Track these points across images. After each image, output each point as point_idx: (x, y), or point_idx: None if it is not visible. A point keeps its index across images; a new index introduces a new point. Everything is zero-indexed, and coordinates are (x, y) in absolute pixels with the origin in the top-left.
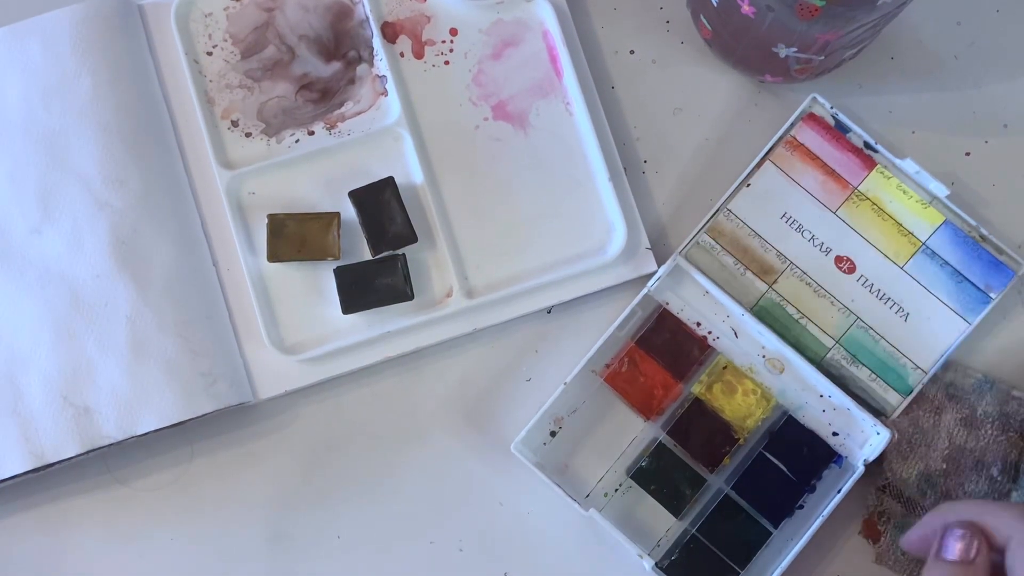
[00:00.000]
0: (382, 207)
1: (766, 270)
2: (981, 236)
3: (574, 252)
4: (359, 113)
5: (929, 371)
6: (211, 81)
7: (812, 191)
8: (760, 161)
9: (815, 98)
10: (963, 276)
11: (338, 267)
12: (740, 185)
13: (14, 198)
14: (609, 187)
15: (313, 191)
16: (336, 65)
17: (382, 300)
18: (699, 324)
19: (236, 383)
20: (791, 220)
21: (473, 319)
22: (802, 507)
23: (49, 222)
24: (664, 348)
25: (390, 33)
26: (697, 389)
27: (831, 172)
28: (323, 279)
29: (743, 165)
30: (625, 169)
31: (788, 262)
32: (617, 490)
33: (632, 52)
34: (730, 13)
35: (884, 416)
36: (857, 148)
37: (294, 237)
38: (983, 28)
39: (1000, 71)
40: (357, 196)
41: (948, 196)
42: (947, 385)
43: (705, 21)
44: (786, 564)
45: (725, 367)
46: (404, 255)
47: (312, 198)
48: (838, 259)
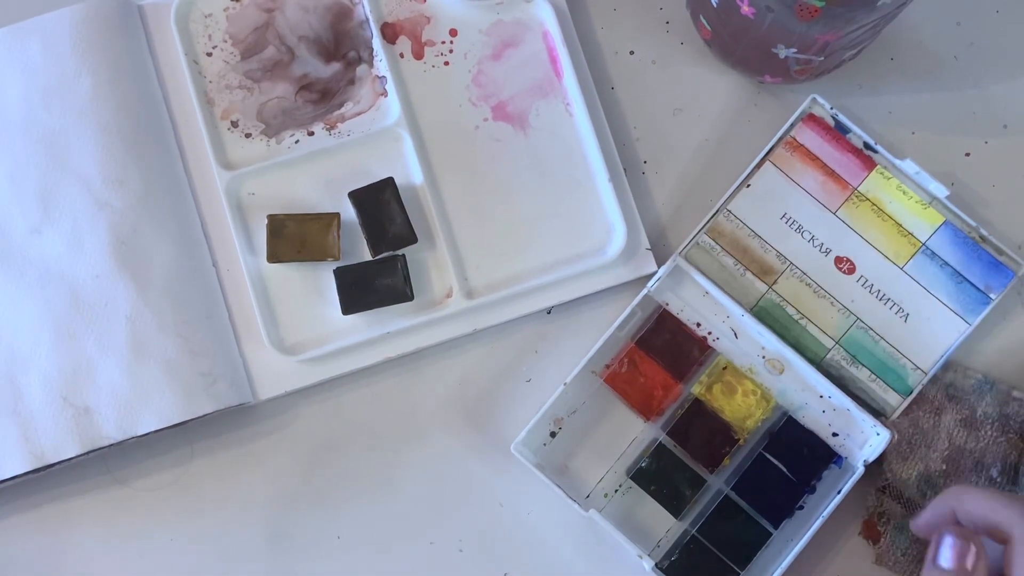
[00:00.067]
0: (382, 207)
1: (766, 271)
2: (981, 237)
3: (574, 252)
4: (359, 114)
5: (929, 372)
6: (211, 82)
7: (812, 192)
8: (760, 162)
9: (815, 99)
10: (963, 277)
11: (338, 267)
12: (740, 186)
13: (14, 198)
14: (609, 187)
15: (313, 191)
16: (336, 66)
17: (382, 301)
18: (699, 325)
19: (236, 383)
20: (791, 221)
21: (473, 319)
22: (802, 508)
23: (49, 222)
24: (664, 349)
25: (390, 34)
26: (697, 390)
27: (831, 173)
28: (323, 279)
29: (743, 166)
30: (625, 169)
31: (788, 263)
32: (617, 491)
33: (632, 53)
34: (730, 14)
35: (884, 417)
36: (857, 149)
37: (294, 237)
38: (983, 28)
39: (1000, 71)
40: (357, 196)
41: (948, 197)
42: (947, 386)
43: (705, 22)
44: (786, 565)
45: (725, 368)
46: (404, 256)
47: (312, 198)
48: (838, 260)
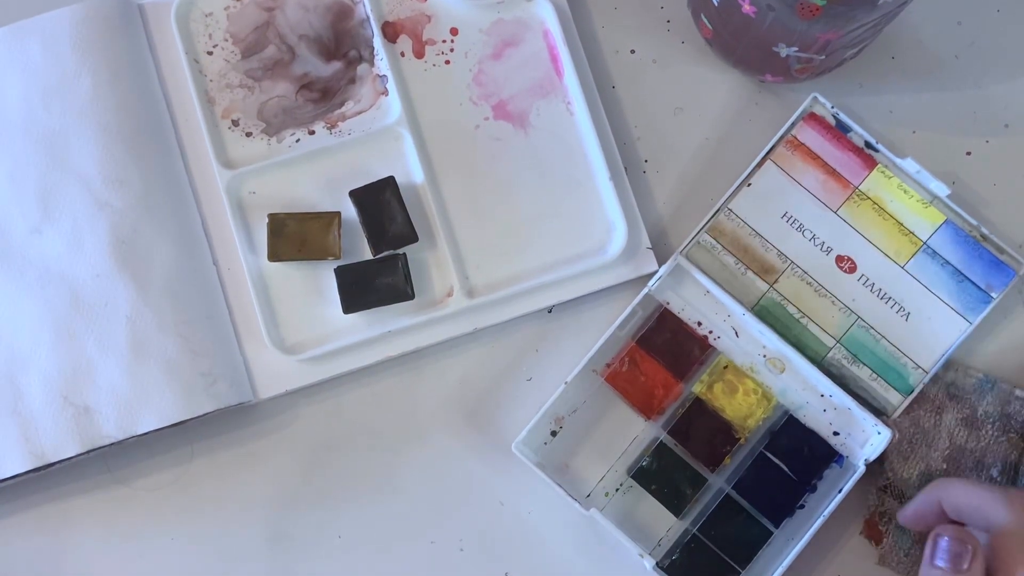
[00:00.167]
0: (382, 207)
1: (767, 270)
2: (982, 235)
3: (575, 252)
4: (359, 113)
5: (930, 371)
6: (211, 81)
7: (813, 191)
8: (761, 160)
9: (816, 98)
10: (964, 276)
11: (339, 267)
12: (741, 185)
13: (14, 198)
14: (610, 187)
15: (313, 191)
16: (336, 65)
17: (383, 300)
18: (700, 324)
19: (236, 383)
20: (792, 220)
21: (473, 319)
22: (803, 507)
23: (49, 222)
24: (665, 348)
25: (391, 33)
26: (698, 389)
27: (832, 171)
28: (324, 279)
29: (744, 165)
30: (626, 169)
31: (789, 262)
32: (618, 490)
33: (633, 52)
34: (731, 12)
35: (885, 416)
36: (858, 148)
37: (295, 237)
38: (983, 28)
39: (1000, 71)
40: (357, 196)
41: (949, 196)
42: (948, 385)
43: (706, 20)
44: (787, 564)
45: (726, 367)
46: (405, 255)
47: (312, 198)
48: (839, 259)
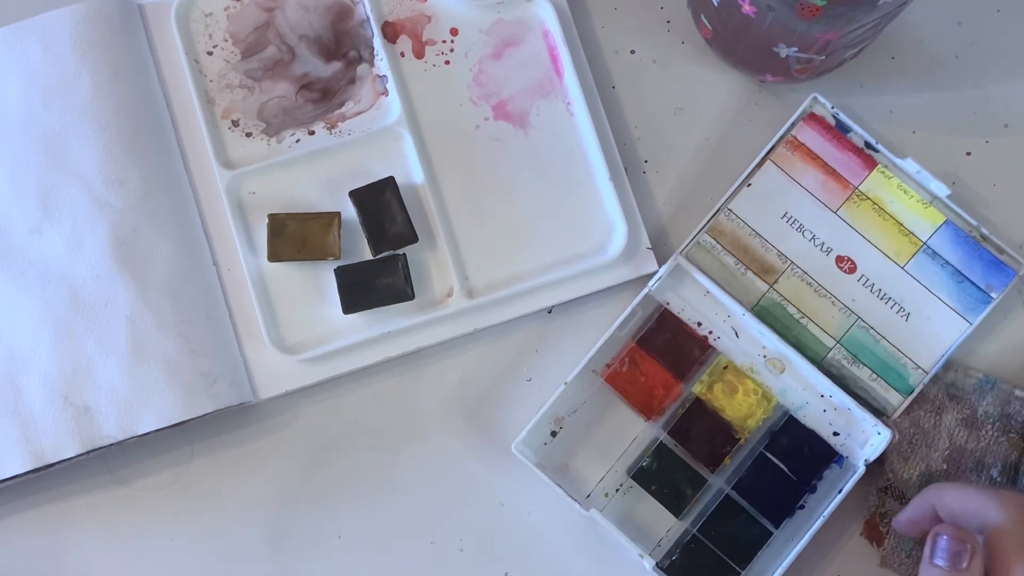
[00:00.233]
0: (382, 207)
1: (767, 270)
2: (982, 236)
3: (575, 252)
4: (359, 113)
5: (930, 371)
6: (211, 81)
7: (813, 191)
8: (761, 161)
9: (816, 98)
10: (964, 276)
11: (339, 267)
12: (741, 185)
13: (14, 198)
14: (610, 187)
15: (313, 191)
16: (336, 65)
17: (382, 300)
18: (700, 324)
19: (236, 383)
20: (792, 220)
21: (473, 319)
22: (803, 507)
23: (49, 222)
24: (665, 348)
25: (391, 33)
26: (698, 389)
27: (832, 172)
28: (324, 279)
29: (744, 165)
30: (626, 169)
31: (789, 262)
32: (618, 490)
33: (633, 52)
34: (731, 13)
35: (885, 416)
36: (858, 148)
37: (294, 237)
38: (983, 28)
39: (1000, 71)
40: (357, 196)
41: (949, 196)
42: (948, 385)
43: (706, 21)
44: (787, 564)
45: (726, 367)
46: (404, 255)
47: (312, 198)
48: (839, 259)
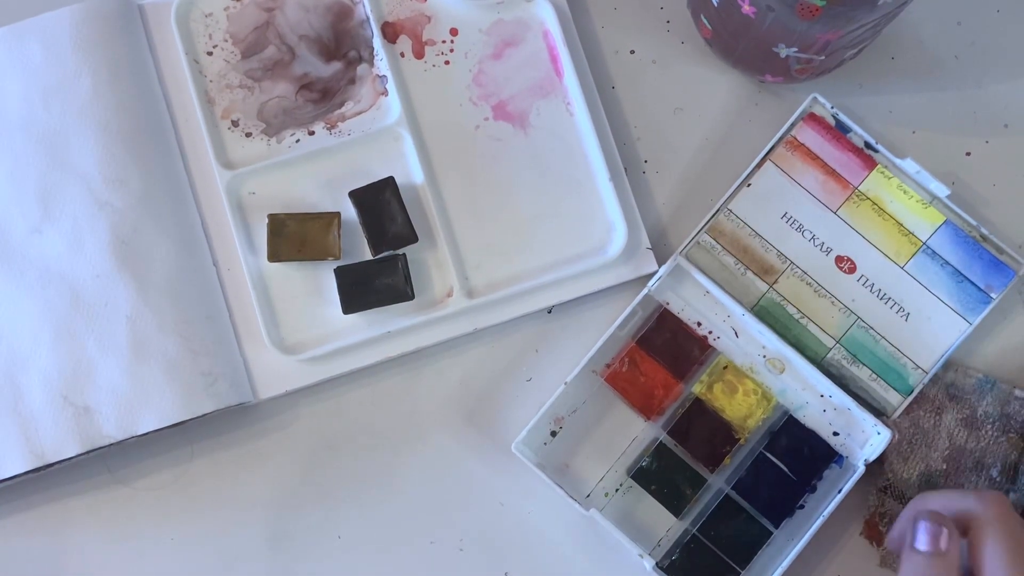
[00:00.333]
0: (382, 207)
1: (767, 270)
2: (982, 236)
3: (574, 252)
4: (359, 113)
5: (930, 371)
6: (211, 81)
7: (813, 191)
8: (760, 161)
9: (815, 98)
10: (964, 276)
11: (338, 267)
12: (740, 185)
13: (14, 198)
14: (609, 187)
15: (313, 191)
16: (336, 65)
17: (382, 300)
18: (700, 324)
19: (236, 383)
20: (791, 220)
21: (473, 319)
22: (803, 507)
23: (49, 222)
24: (665, 348)
25: (390, 33)
26: (698, 389)
27: (832, 172)
28: (323, 279)
29: (743, 165)
30: (625, 169)
31: (789, 262)
32: (618, 490)
33: (632, 52)
34: (730, 13)
35: (885, 416)
36: (858, 148)
37: (294, 237)
38: (983, 28)
39: (1000, 71)
40: (357, 196)
41: (949, 196)
42: (948, 385)
43: (705, 21)
44: (787, 564)
45: (726, 367)
46: (404, 255)
47: (312, 198)
48: (839, 259)
